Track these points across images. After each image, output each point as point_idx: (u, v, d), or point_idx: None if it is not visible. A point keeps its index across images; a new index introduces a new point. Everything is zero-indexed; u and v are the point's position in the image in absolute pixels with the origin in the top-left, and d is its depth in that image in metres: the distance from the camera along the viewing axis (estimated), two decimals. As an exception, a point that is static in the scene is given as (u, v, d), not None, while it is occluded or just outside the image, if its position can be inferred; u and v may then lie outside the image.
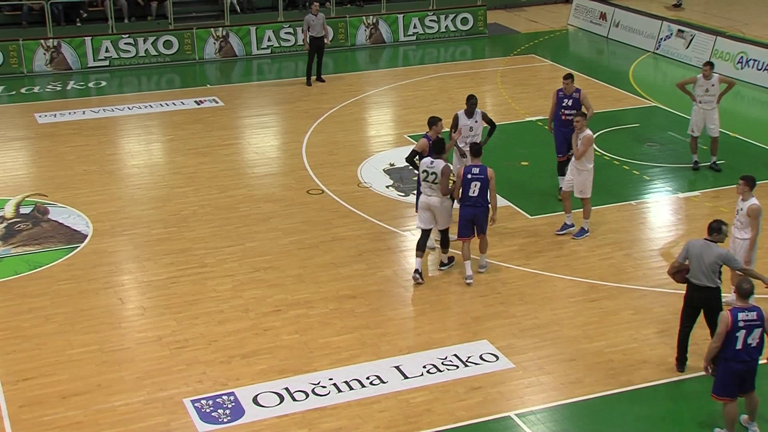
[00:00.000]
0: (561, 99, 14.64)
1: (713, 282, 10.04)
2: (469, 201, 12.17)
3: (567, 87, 14.57)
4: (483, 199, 12.17)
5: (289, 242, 13.54)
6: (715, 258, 9.96)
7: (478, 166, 12.16)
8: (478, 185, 12.07)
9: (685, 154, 16.77)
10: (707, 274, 10.00)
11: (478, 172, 12.10)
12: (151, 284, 12.39)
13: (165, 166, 16.61)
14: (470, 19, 25.79)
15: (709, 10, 27.88)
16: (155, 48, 23.06)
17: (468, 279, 12.33)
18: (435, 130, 12.78)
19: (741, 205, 11.32)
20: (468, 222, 12.26)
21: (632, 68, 22.76)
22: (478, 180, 12.06)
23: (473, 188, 12.09)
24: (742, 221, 11.26)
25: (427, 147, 12.52)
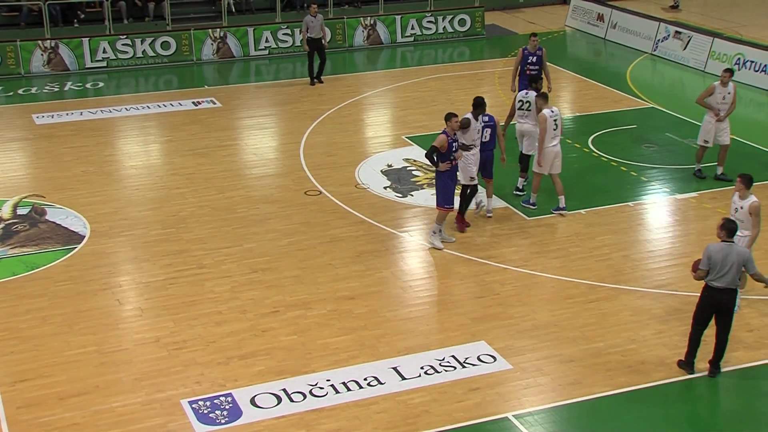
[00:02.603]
0: (526, 56, 16.79)
1: (735, 284, 10.01)
2: (482, 147, 13.73)
3: (532, 45, 16.71)
4: (493, 143, 13.83)
5: (287, 243, 13.54)
6: (740, 259, 9.88)
7: (487, 115, 13.70)
8: (489, 131, 13.69)
9: (682, 156, 16.79)
10: (732, 277, 9.92)
11: (488, 120, 13.69)
12: (149, 285, 12.38)
13: (163, 167, 16.61)
14: (468, 21, 25.81)
15: (706, 12, 27.92)
16: (153, 49, 23.05)
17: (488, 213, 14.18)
18: (450, 125, 12.93)
19: (739, 203, 11.35)
20: (486, 161, 13.86)
21: (630, 69, 22.78)
22: (489, 127, 13.69)
23: (485, 134, 13.67)
24: (743, 219, 11.28)
25: (446, 143, 12.79)
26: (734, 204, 11.47)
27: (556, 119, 14.03)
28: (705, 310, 10.22)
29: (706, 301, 10.17)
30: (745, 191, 11.30)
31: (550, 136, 13.95)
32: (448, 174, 13.13)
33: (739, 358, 10.71)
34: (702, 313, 10.25)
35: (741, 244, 11.27)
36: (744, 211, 11.29)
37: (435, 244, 13.31)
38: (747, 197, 11.31)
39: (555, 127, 14.00)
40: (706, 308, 10.21)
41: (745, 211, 11.27)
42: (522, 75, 16.83)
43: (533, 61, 16.75)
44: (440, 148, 12.84)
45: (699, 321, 10.29)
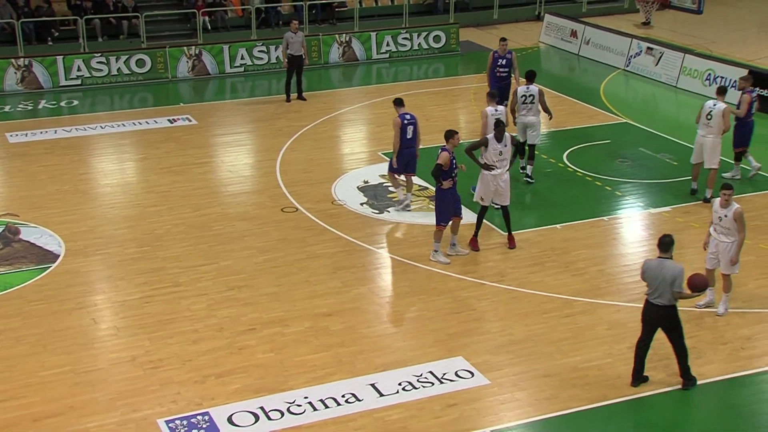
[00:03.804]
0: (496, 59, 17.88)
1: (671, 301, 9.99)
2: (408, 143, 14.73)
3: (502, 48, 17.76)
4: (415, 140, 14.86)
5: (263, 260, 13.51)
6: (670, 275, 9.86)
7: (409, 114, 14.79)
8: (411, 129, 14.68)
9: (655, 170, 16.95)
10: (666, 293, 9.93)
11: (410, 118, 14.71)
12: (125, 304, 12.30)
13: (138, 185, 16.54)
14: (443, 37, 25.97)
15: (677, 28, 28.26)
16: (128, 67, 22.97)
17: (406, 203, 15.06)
18: (452, 142, 13.08)
19: (722, 212, 11.59)
20: (405, 159, 14.87)
21: (603, 85, 22.99)
22: (412, 124, 14.69)
23: (409, 132, 14.64)
24: (728, 226, 11.57)
25: (449, 160, 12.86)
26: (717, 213, 11.71)
27: (499, 117, 14.53)
28: (646, 324, 10.26)
29: (646, 316, 10.23)
30: (729, 200, 11.56)
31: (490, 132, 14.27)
32: (450, 191, 13.16)
33: (714, 371, 10.79)
34: (644, 327, 10.28)
35: (729, 250, 11.63)
36: (729, 219, 11.56)
37: (440, 260, 13.32)
38: (729, 205, 11.55)
39: None
40: (646, 323, 10.25)
41: (730, 218, 11.55)
42: (492, 77, 17.93)
43: (503, 63, 17.81)
44: (444, 165, 12.87)
45: (642, 335, 10.32)
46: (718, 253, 11.77)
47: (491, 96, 15.24)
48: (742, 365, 10.91)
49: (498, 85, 17.62)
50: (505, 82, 17.86)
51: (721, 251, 11.74)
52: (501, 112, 14.89)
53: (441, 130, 18.60)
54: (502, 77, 17.87)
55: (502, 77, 17.87)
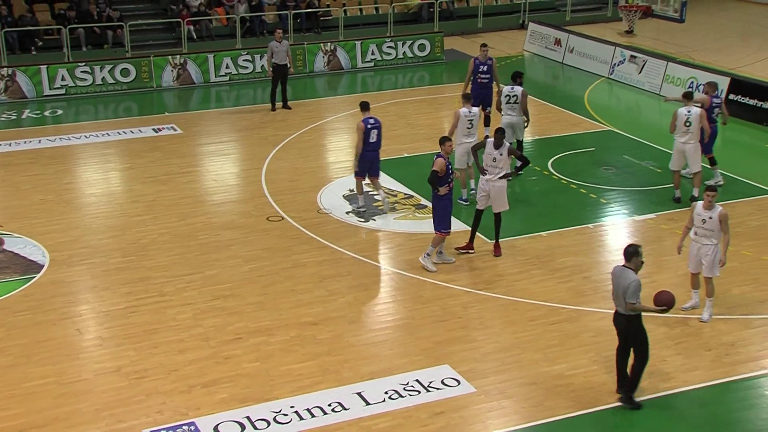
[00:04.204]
0: (477, 65, 18.08)
1: (626, 310, 9.89)
2: (371, 146, 14.96)
3: (482, 55, 17.96)
4: (379, 144, 15.10)
5: (249, 269, 13.48)
6: (624, 284, 9.79)
7: (373, 118, 15.02)
8: (375, 132, 14.92)
9: (640, 177, 17.03)
10: (621, 301, 9.87)
11: (374, 122, 14.94)
12: (110, 314, 12.24)
13: (123, 195, 16.49)
14: (427, 46, 26.04)
15: (659, 37, 28.45)
16: (112, 76, 22.92)
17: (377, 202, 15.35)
18: (444, 149, 13.11)
19: (706, 214, 11.70)
20: (368, 163, 15.09)
21: (587, 93, 23.10)
22: (376, 128, 14.93)
23: (373, 135, 14.89)
24: (712, 228, 11.68)
25: (445, 166, 12.91)
26: (700, 216, 11.80)
27: (472, 119, 15.20)
28: (617, 332, 10.19)
29: (614, 323, 10.18)
30: (713, 202, 11.68)
31: (463, 133, 15.16)
32: (447, 197, 13.19)
33: (699, 378, 10.84)
34: (617, 334, 10.22)
35: (712, 253, 11.74)
36: (714, 221, 11.66)
37: (427, 266, 13.33)
38: (713, 207, 11.65)
39: (470, 126, 15.23)
40: (617, 331, 10.19)
41: (715, 220, 11.65)
42: (474, 83, 18.15)
43: (484, 69, 18.05)
44: (439, 171, 12.90)
45: (618, 342, 10.25)
46: (700, 256, 11.86)
47: (466, 98, 15.61)
48: (726, 371, 10.96)
49: (480, 91, 17.98)
50: (486, 88, 18.19)
51: (704, 254, 11.83)
52: (475, 113, 15.32)
53: (426, 138, 18.83)
54: (483, 83, 18.15)
55: (484, 83, 18.15)
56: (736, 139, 19.99)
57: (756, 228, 14.87)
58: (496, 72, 18.28)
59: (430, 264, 13.38)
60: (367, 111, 15.20)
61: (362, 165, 15.19)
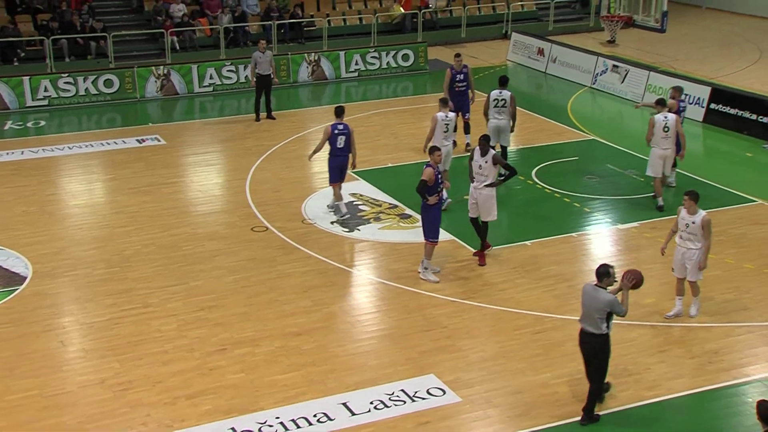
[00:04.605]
0: (454, 74, 18.47)
1: (598, 328, 9.80)
2: (339, 152, 15.16)
3: (457, 64, 18.36)
4: (348, 150, 15.21)
5: (233, 280, 13.46)
6: (604, 305, 9.72)
7: (342, 123, 15.19)
8: (343, 138, 15.09)
9: (623, 186, 17.12)
10: (594, 321, 9.78)
11: (342, 128, 15.10)
12: (93, 326, 12.18)
13: (107, 206, 16.43)
14: (411, 56, 26.11)
15: (641, 47, 28.64)
16: (95, 87, 22.85)
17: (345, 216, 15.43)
18: (433, 158, 13.12)
19: (689, 219, 11.88)
20: (337, 169, 15.24)
21: (570, 102, 23.23)
22: (343, 134, 15.10)
23: (340, 141, 15.04)
24: (695, 233, 11.85)
25: (434, 175, 12.92)
26: (684, 220, 11.97)
27: (449, 123, 15.69)
28: (582, 354, 10.08)
29: (580, 343, 10.06)
30: (694, 206, 11.85)
31: (440, 137, 15.54)
32: (437, 207, 13.22)
33: (683, 385, 10.89)
34: (583, 357, 10.08)
35: (696, 257, 11.87)
36: (696, 226, 11.84)
37: (429, 279, 13.32)
38: (696, 212, 11.83)
39: (446, 130, 15.72)
40: (581, 351, 10.07)
41: (698, 225, 11.83)
42: (451, 91, 18.48)
43: (460, 78, 18.47)
44: (428, 180, 12.91)
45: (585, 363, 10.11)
46: (684, 259, 12.04)
47: (443, 102, 16.04)
48: (709, 379, 11.03)
49: (457, 99, 18.34)
50: (463, 95, 18.64)
51: (688, 258, 12.01)
52: (451, 118, 15.83)
53: (411, 148, 18.87)
54: (460, 91, 18.60)
55: (461, 91, 18.61)
56: (717, 148, 20.15)
57: (738, 236, 14.97)
58: (472, 79, 18.76)
59: (431, 276, 13.35)
60: (340, 117, 15.37)
61: (332, 171, 15.39)
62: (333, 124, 15.31)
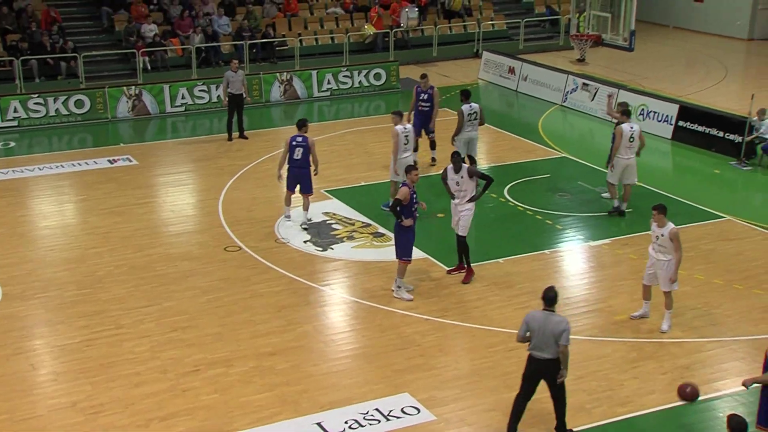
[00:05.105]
0: (419, 93, 18.84)
1: (557, 354, 9.68)
2: (295, 163, 15.63)
3: (424, 84, 18.75)
4: (305, 162, 15.62)
5: (207, 300, 13.40)
6: (562, 329, 9.60)
7: (301, 136, 15.69)
8: (301, 150, 15.54)
9: (594, 203, 17.27)
10: (551, 346, 9.66)
11: (301, 140, 15.59)
12: (65, 348, 12.07)
13: (78, 227, 16.31)
14: (383, 75, 26.24)
15: (610, 65, 28.97)
16: (66, 107, 22.73)
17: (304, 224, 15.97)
18: (410, 177, 13.17)
19: (659, 231, 12.17)
20: (291, 178, 15.80)
21: (541, 120, 23.42)
22: (301, 146, 15.56)
23: (297, 153, 15.50)
24: (665, 245, 12.12)
25: (409, 195, 12.91)
26: (654, 233, 12.28)
27: (408, 135, 16.19)
28: (529, 380, 9.93)
29: (529, 370, 9.89)
30: (663, 219, 12.13)
31: (401, 148, 16.01)
32: (411, 229, 13.16)
33: (655, 401, 10.98)
34: (526, 383, 9.95)
35: (666, 269, 12.11)
36: (665, 238, 12.10)
37: (403, 297, 13.31)
38: (665, 225, 12.10)
39: (407, 142, 16.18)
40: (529, 378, 9.92)
41: (667, 237, 12.08)
42: (415, 110, 18.96)
43: (425, 98, 18.78)
44: (403, 200, 12.90)
45: (523, 389, 9.99)
46: (655, 269, 12.32)
47: (398, 115, 16.43)
48: (682, 394, 11.11)
49: (420, 117, 18.84)
50: (427, 114, 18.89)
51: (658, 269, 12.27)
52: (409, 129, 16.34)
53: (384, 167, 18.93)
54: (424, 110, 18.87)
55: (425, 110, 18.87)
56: (686, 165, 20.41)
57: (707, 252, 15.15)
58: (437, 101, 18.90)
59: (404, 294, 13.36)
60: (300, 129, 15.87)
61: (288, 180, 15.93)
62: (293, 136, 15.83)
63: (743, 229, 16.14)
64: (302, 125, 15.99)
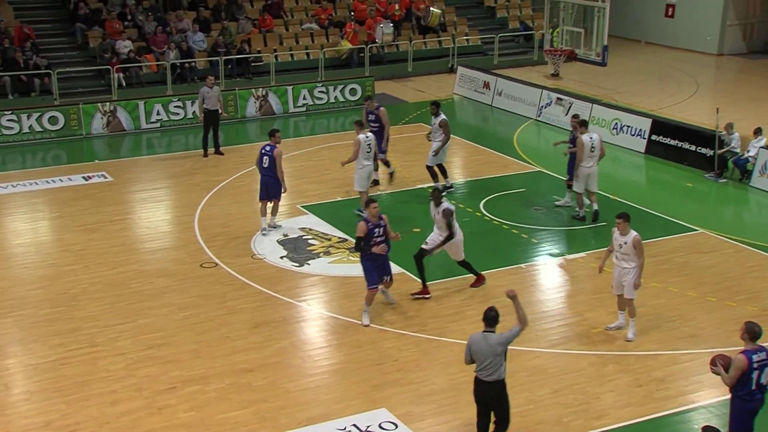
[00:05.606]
0: (368, 114, 18.95)
1: (501, 374, 9.59)
2: (264, 171, 16.07)
3: (369, 105, 18.91)
4: (272, 170, 15.97)
5: (183, 317, 13.34)
6: (504, 344, 9.58)
7: (270, 145, 16.10)
8: (267, 159, 15.95)
9: (569, 217, 17.37)
10: (498, 368, 9.56)
11: (269, 149, 16.02)
12: (38, 367, 11.96)
13: (52, 244, 16.19)
14: (359, 90, 26.30)
15: (584, 80, 29.23)
16: (40, 124, 22.58)
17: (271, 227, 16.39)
18: (368, 211, 12.86)
19: (622, 239, 12.42)
20: (261, 185, 16.21)
21: (516, 135, 23.56)
22: (267, 155, 15.98)
23: (265, 161, 15.99)
24: (628, 253, 12.37)
25: (366, 229, 12.70)
26: (617, 241, 12.50)
27: (370, 143, 16.65)
28: (478, 402, 9.81)
29: (476, 393, 9.75)
30: (627, 227, 12.36)
31: (363, 157, 16.53)
32: (367, 257, 12.88)
33: (631, 414, 11.03)
34: (480, 406, 9.83)
35: (631, 276, 12.33)
36: (629, 246, 12.34)
37: (363, 321, 13.12)
38: (628, 233, 12.35)
39: (369, 150, 16.65)
40: (478, 401, 9.80)
41: (630, 245, 12.33)
42: None
43: (372, 119, 18.80)
44: (362, 236, 12.68)
45: (479, 412, 9.85)
46: (620, 278, 12.55)
47: (359, 124, 17.03)
48: (657, 407, 11.19)
49: None
50: (377, 135, 18.05)
51: (623, 276, 12.50)
52: (371, 138, 16.83)
53: (359, 183, 18.90)
54: (374, 131, 17.96)
55: (374, 131, 17.99)
56: (659, 179, 20.59)
57: (681, 265, 15.29)
58: (386, 121, 18.54)
59: (365, 319, 13.15)
60: (270, 138, 16.32)
61: (260, 189, 16.36)
62: (263, 144, 16.28)
63: (716, 242, 16.30)
64: (271, 134, 16.38)
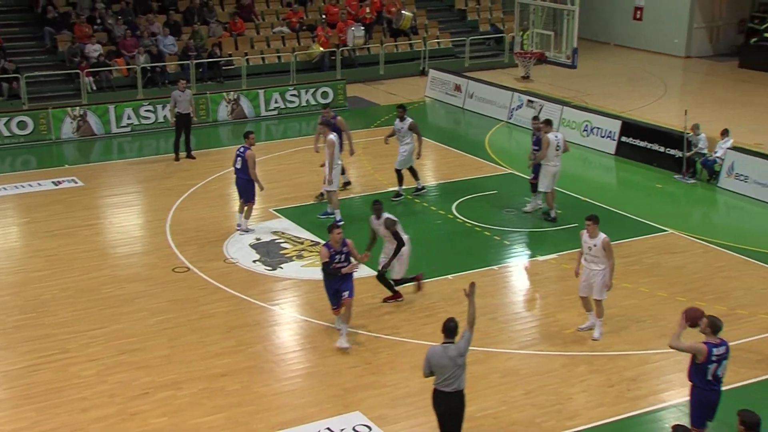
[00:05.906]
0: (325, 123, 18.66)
1: (461, 384, 9.49)
2: (237, 172, 16.40)
3: (326, 113, 18.49)
4: (244, 172, 16.28)
5: (155, 322, 13.27)
6: (463, 354, 9.46)
7: (243, 147, 16.44)
8: (240, 160, 16.29)
9: (541, 219, 17.48)
10: (459, 377, 9.44)
11: (242, 150, 16.35)
12: (8, 374, 11.85)
13: (21, 250, 16.04)
14: (330, 93, 26.30)
15: (555, 82, 29.42)
16: (8, 129, 22.36)
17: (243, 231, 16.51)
18: (331, 237, 12.41)
19: (591, 242, 12.53)
20: (238, 187, 16.50)
21: (488, 137, 23.67)
22: (240, 156, 16.30)
23: (238, 162, 16.33)
24: (598, 255, 12.48)
25: (328, 255, 12.31)
26: (586, 243, 12.61)
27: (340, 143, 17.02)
28: (438, 415, 9.66)
29: (436, 404, 9.63)
30: (596, 230, 12.48)
31: (336, 157, 16.80)
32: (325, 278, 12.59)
33: (603, 414, 11.12)
34: (440, 418, 9.68)
35: (600, 278, 12.44)
36: (598, 248, 12.45)
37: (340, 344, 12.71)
38: (597, 235, 12.47)
39: (341, 150, 17.21)
40: (438, 411, 9.64)
41: (599, 247, 12.44)
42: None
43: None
44: (326, 260, 12.33)
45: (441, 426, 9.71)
46: (589, 280, 12.64)
47: (328, 124, 17.44)
48: (629, 407, 11.29)
49: None
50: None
51: (593, 278, 12.60)
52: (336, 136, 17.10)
53: (332, 186, 18.90)
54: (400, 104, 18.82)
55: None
56: (629, 180, 20.77)
57: (651, 265, 15.43)
58: (346, 128, 18.32)
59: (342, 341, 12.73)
60: (244, 140, 16.57)
61: (237, 188, 16.69)
62: (239, 145, 16.63)
63: (686, 243, 16.48)
64: (245, 136, 16.59)
